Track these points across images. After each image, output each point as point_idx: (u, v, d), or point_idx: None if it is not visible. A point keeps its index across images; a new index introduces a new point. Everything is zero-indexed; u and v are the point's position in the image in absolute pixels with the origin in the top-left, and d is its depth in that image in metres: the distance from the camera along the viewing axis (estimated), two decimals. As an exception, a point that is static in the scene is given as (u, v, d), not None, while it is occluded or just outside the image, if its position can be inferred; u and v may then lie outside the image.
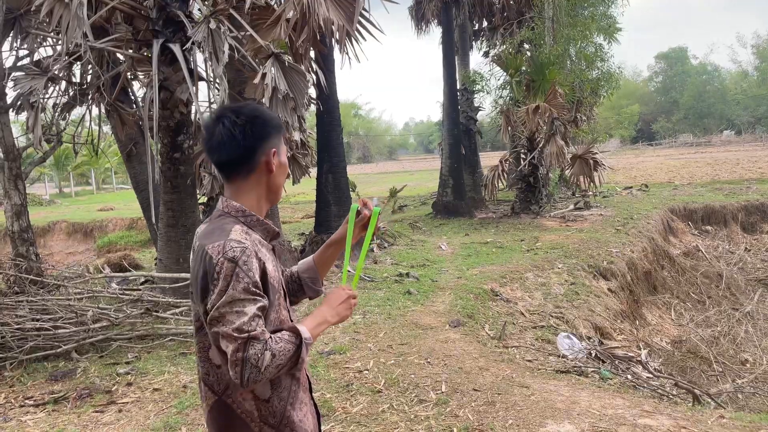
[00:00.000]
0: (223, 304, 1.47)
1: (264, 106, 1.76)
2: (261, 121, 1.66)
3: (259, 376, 1.46)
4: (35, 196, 30.08)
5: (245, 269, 1.49)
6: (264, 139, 1.66)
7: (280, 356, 1.49)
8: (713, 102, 58.60)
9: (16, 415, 4.36)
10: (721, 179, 21.03)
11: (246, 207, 1.66)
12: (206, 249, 1.53)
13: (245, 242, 1.54)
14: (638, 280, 9.92)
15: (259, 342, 1.47)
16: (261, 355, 1.46)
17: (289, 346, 1.53)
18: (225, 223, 1.61)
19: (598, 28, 16.57)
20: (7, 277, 7.09)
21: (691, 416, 3.96)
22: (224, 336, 1.47)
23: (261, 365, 1.45)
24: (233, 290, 1.47)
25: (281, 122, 1.74)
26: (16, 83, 7.01)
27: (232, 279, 1.48)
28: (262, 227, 1.69)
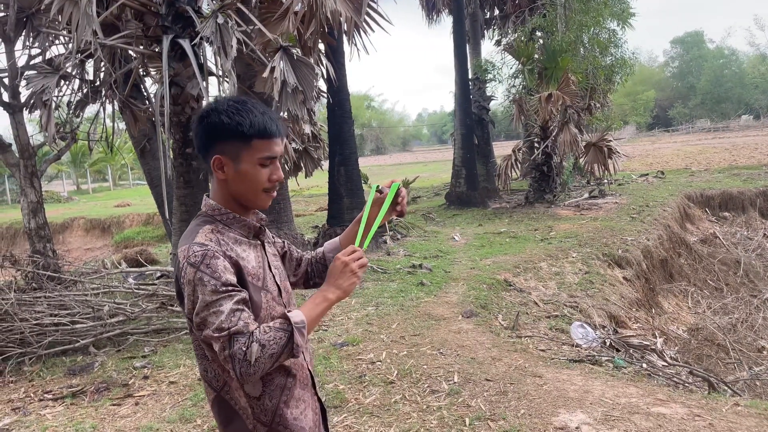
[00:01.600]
0: (200, 309, 1.46)
1: (254, 103, 1.59)
2: (209, 123, 1.59)
3: (252, 368, 1.43)
4: (53, 193, 30.48)
5: (208, 272, 1.47)
6: (211, 141, 1.60)
7: (270, 346, 1.46)
8: (731, 86, 57.65)
9: (36, 409, 4.44)
10: (739, 165, 20.74)
11: (222, 204, 1.64)
12: (178, 253, 1.54)
13: (208, 244, 1.51)
14: (654, 268, 9.83)
15: (242, 335, 1.44)
16: (247, 348, 1.43)
17: (280, 333, 1.48)
18: (198, 224, 1.61)
19: (612, 14, 16.33)
20: (25, 274, 7.20)
21: (705, 404, 3.94)
22: (208, 338, 1.47)
23: (250, 358, 1.43)
24: (202, 294, 1.46)
25: (248, 129, 1.56)
26: (28, 82, 7.08)
27: (197, 284, 1.47)
28: (240, 224, 1.65)
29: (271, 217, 8.59)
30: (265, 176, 1.62)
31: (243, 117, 1.57)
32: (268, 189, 1.64)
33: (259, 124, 1.57)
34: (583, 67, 15.04)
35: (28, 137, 8.02)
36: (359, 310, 6.48)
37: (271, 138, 1.59)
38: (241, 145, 1.57)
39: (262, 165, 1.60)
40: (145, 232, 18.34)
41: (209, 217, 1.63)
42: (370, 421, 3.88)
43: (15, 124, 7.92)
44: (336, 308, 6.61)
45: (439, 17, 21.54)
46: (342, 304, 6.77)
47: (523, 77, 14.95)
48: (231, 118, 1.56)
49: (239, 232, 1.64)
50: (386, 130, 73.79)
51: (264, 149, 1.59)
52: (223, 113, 1.57)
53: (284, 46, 6.29)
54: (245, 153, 1.58)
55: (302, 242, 9.05)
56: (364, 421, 3.88)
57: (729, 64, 59.87)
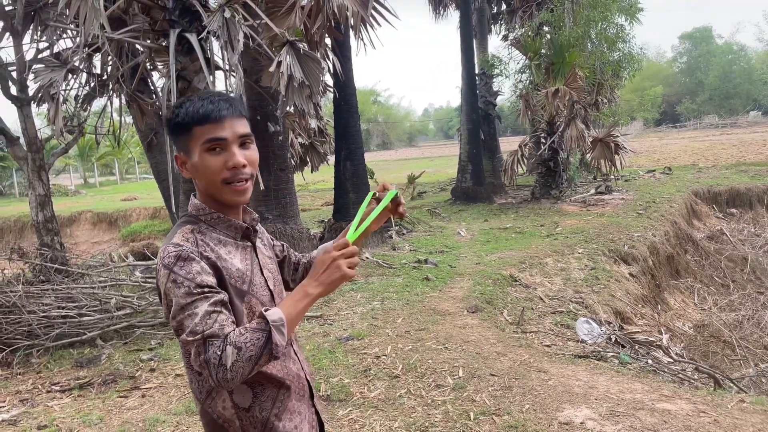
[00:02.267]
0: (175, 313, 1.39)
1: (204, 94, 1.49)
2: (165, 122, 1.56)
3: (229, 373, 1.33)
4: (61, 186, 30.62)
5: (182, 274, 1.39)
6: (173, 141, 1.57)
7: (248, 348, 1.35)
8: (739, 82, 57.21)
9: (43, 401, 4.48)
10: (746, 161, 20.61)
11: (205, 204, 1.55)
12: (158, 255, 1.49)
13: (183, 244, 1.44)
14: (660, 265, 9.80)
15: (217, 339, 1.35)
16: (222, 352, 1.34)
17: (257, 334, 1.37)
18: (179, 224, 1.54)
19: (619, 9, 16.21)
20: (33, 267, 7.25)
21: (710, 400, 3.93)
22: (184, 343, 1.39)
23: (226, 362, 1.33)
24: (176, 297, 1.38)
25: (183, 117, 1.49)
26: (36, 75, 7.11)
27: (172, 285, 1.39)
28: (225, 224, 1.56)
29: (277, 212, 8.61)
30: (218, 164, 1.48)
31: (181, 108, 1.50)
32: (228, 179, 1.50)
33: (194, 111, 1.47)
34: (591, 62, 14.96)
35: (36, 131, 8.06)
36: (364, 305, 6.49)
37: (214, 122, 1.47)
38: (187, 136, 1.49)
39: (209, 151, 1.48)
40: (151, 225, 18.38)
41: (193, 218, 1.55)
42: (375, 414, 3.90)
43: (23, 118, 7.96)
44: (341, 303, 6.63)
45: (446, 12, 21.48)
46: (348, 298, 6.79)
47: (530, 72, 14.89)
48: (172, 113, 1.52)
49: (224, 232, 1.56)
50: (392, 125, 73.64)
51: (206, 134, 1.47)
52: (170, 113, 1.53)
53: (291, 40, 6.29)
54: (191, 143, 1.49)
55: (308, 237, 9.07)
56: (369, 415, 3.90)
57: (737, 60, 59.40)
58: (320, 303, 6.68)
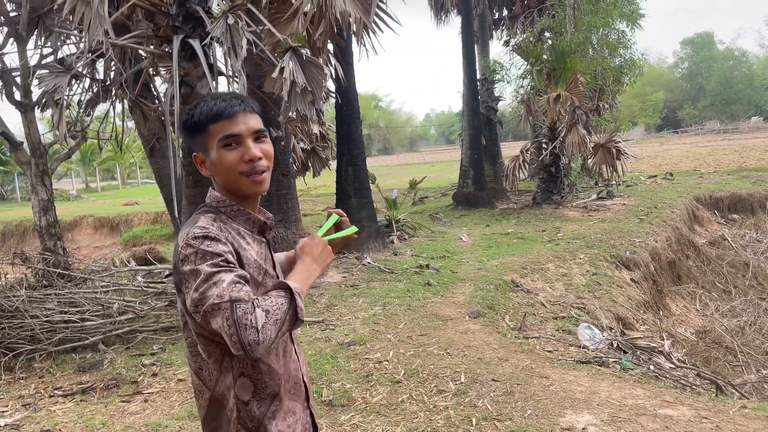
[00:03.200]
0: (199, 285, 1.41)
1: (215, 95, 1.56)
2: (181, 129, 1.65)
3: (260, 336, 1.35)
4: (62, 191, 30.67)
5: (210, 250, 1.44)
6: (188, 146, 1.65)
7: (274, 312, 1.39)
8: (741, 88, 57.29)
9: (46, 405, 4.49)
10: (748, 167, 20.61)
11: (225, 197, 1.62)
12: (177, 240, 1.51)
13: (209, 227, 1.49)
14: (662, 270, 9.79)
15: (245, 303, 1.38)
16: (252, 314, 1.36)
17: (281, 299, 1.42)
18: (200, 213, 1.59)
19: (621, 15, 16.27)
20: (36, 271, 7.26)
21: (712, 406, 3.93)
22: (209, 311, 1.39)
23: (257, 324, 1.35)
24: (203, 269, 1.41)
25: (197, 116, 1.58)
26: (40, 81, 7.14)
27: (197, 259, 1.43)
28: (244, 217, 1.63)
29: (279, 217, 8.62)
30: (236, 158, 1.56)
31: (195, 109, 1.59)
32: (246, 172, 1.57)
33: (208, 110, 1.56)
34: (592, 67, 15.01)
35: (39, 136, 8.09)
36: (366, 310, 6.50)
37: (227, 118, 1.55)
38: (203, 136, 1.57)
39: (226, 147, 1.55)
40: (153, 230, 18.40)
41: (213, 209, 1.60)
42: (377, 420, 3.91)
43: (27, 123, 7.99)
44: (343, 308, 6.64)
45: (447, 17, 21.54)
46: (349, 303, 6.79)
47: (532, 78, 14.93)
48: (187, 115, 1.60)
49: (243, 225, 1.62)
50: (394, 130, 73.74)
51: (220, 130, 1.55)
52: (185, 115, 1.61)
53: (294, 46, 6.32)
54: (209, 141, 1.57)
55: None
56: (371, 420, 3.90)
57: (739, 66, 59.47)
58: (322, 308, 6.69)
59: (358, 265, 8.73)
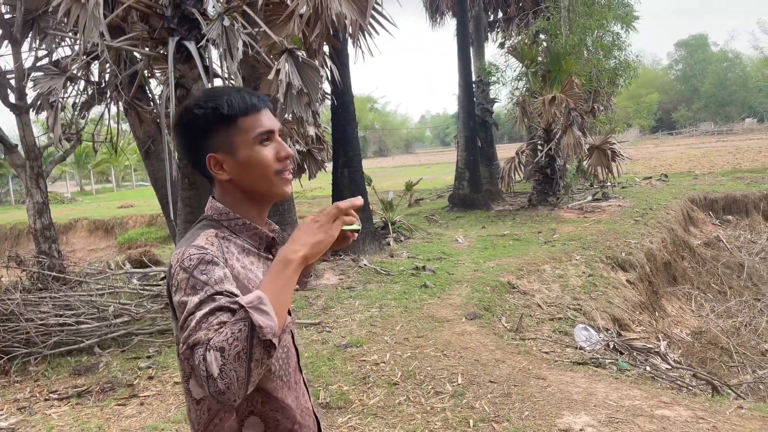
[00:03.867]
0: (182, 321, 1.21)
1: (223, 86, 1.39)
2: (185, 124, 1.39)
3: (221, 383, 1.10)
4: (57, 194, 30.53)
5: (203, 279, 1.23)
6: (195, 143, 1.40)
7: (231, 345, 1.12)
8: (735, 89, 57.56)
9: (41, 409, 4.46)
10: (742, 168, 20.70)
11: (231, 209, 1.41)
12: (172, 258, 1.32)
13: (208, 248, 1.29)
14: (657, 271, 9.82)
15: (200, 346, 1.14)
16: (205, 360, 1.12)
17: (237, 326, 1.14)
18: (199, 227, 1.40)
19: (615, 17, 16.34)
20: (31, 274, 7.23)
21: (709, 407, 3.94)
22: (183, 357, 1.21)
23: (212, 371, 1.11)
24: (189, 300, 1.22)
25: (227, 108, 1.36)
26: (35, 83, 7.12)
27: (187, 288, 1.23)
28: (250, 232, 1.42)
29: (275, 219, 8.61)
30: (272, 155, 1.39)
31: (217, 100, 1.37)
32: (281, 170, 1.40)
33: (237, 100, 1.37)
34: (587, 69, 15.05)
35: (34, 138, 8.07)
36: (363, 312, 6.49)
37: (258, 111, 1.39)
38: (229, 131, 1.36)
39: (261, 143, 1.38)
40: (148, 233, 18.36)
41: (214, 222, 1.40)
42: (374, 422, 3.90)
43: (21, 125, 7.96)
44: (340, 310, 6.63)
45: (442, 19, 21.57)
46: (346, 305, 6.78)
47: (527, 80, 14.96)
48: (205, 106, 1.36)
49: (248, 241, 1.42)
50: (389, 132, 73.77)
51: (255, 125, 1.38)
52: (194, 107, 1.38)
53: (289, 48, 6.31)
54: (237, 138, 1.36)
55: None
56: (368, 422, 3.90)
57: (733, 68, 59.77)
58: (318, 310, 6.67)
59: (355, 267, 8.72)
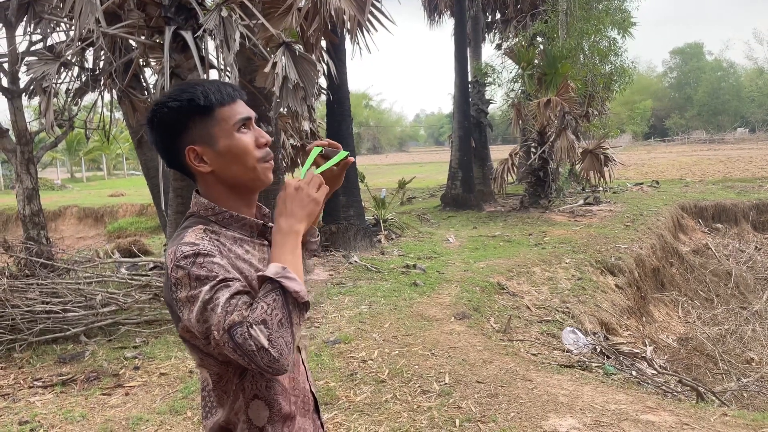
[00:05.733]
0: (198, 314, 1.24)
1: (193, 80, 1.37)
2: (160, 120, 1.38)
3: (274, 352, 1.19)
4: (47, 180, 30.29)
5: (203, 273, 1.25)
6: (172, 138, 1.39)
7: (272, 315, 1.20)
8: (728, 99, 57.97)
9: (25, 396, 4.43)
10: (733, 177, 20.84)
11: (216, 203, 1.41)
12: (165, 260, 1.33)
13: (199, 243, 1.30)
14: (646, 277, 9.87)
15: (240, 325, 1.20)
16: (249, 336, 1.18)
17: (270, 296, 1.22)
18: (187, 225, 1.40)
19: (613, 22, 16.41)
20: (18, 260, 7.17)
21: (694, 413, 3.97)
22: (216, 345, 1.24)
23: (262, 343, 1.18)
24: (197, 293, 1.24)
25: (203, 99, 1.35)
26: (29, 68, 7.06)
27: (191, 282, 1.25)
28: (239, 223, 1.43)
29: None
30: (251, 142, 1.39)
31: (192, 92, 1.36)
32: (262, 157, 1.41)
33: (212, 91, 1.36)
34: (583, 74, 15.10)
35: (26, 123, 7.99)
36: (352, 309, 6.48)
37: (234, 101, 1.39)
38: (207, 122, 1.36)
39: (239, 131, 1.38)
40: (138, 222, 18.26)
41: (201, 218, 1.41)
42: (360, 419, 3.90)
43: (13, 110, 7.89)
44: (329, 306, 6.62)
45: (440, 19, 21.59)
46: (335, 301, 6.77)
47: (523, 82, 14.99)
48: (179, 100, 1.36)
49: (239, 232, 1.43)
50: (383, 129, 73.72)
51: (233, 114, 1.38)
52: (168, 101, 1.37)
53: (287, 41, 6.29)
54: (215, 128, 1.36)
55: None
56: (355, 419, 3.89)
57: (727, 77, 60.18)
58: (307, 305, 6.65)
59: (345, 263, 8.71)
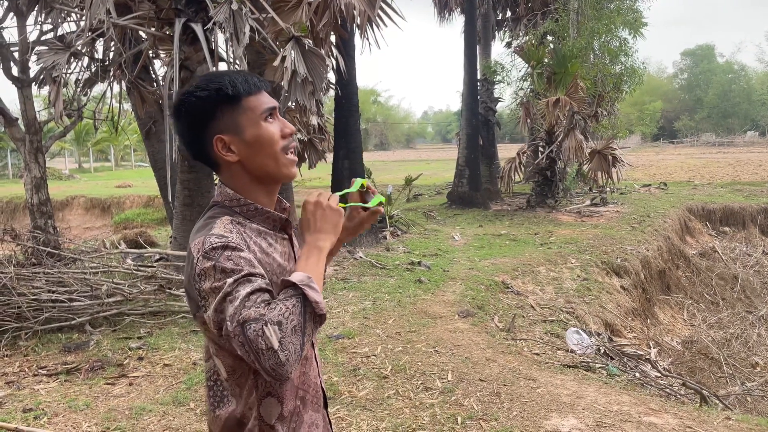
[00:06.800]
0: (217, 304, 1.25)
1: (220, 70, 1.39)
2: (188, 107, 1.39)
3: (281, 356, 1.18)
4: (55, 170, 30.43)
5: (229, 265, 1.26)
6: (199, 127, 1.40)
7: (288, 319, 1.21)
8: (738, 101, 57.60)
9: (29, 384, 4.45)
10: (741, 180, 20.73)
11: (241, 194, 1.42)
12: (190, 248, 1.34)
13: (228, 236, 1.31)
14: (652, 279, 9.84)
15: (255, 322, 1.20)
16: (263, 334, 1.18)
17: (291, 301, 1.23)
18: (213, 215, 1.40)
19: (624, 22, 16.30)
20: (25, 249, 7.20)
21: (697, 416, 3.95)
22: (228, 337, 1.24)
23: (272, 344, 1.18)
24: (222, 285, 1.25)
25: (232, 89, 1.37)
26: (39, 57, 7.08)
27: (216, 274, 1.26)
28: (263, 216, 1.44)
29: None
30: (277, 132, 1.41)
31: (218, 81, 1.38)
32: (286, 147, 1.43)
33: (239, 81, 1.38)
34: (593, 73, 15.03)
35: (35, 112, 8.02)
36: (356, 304, 6.49)
37: (259, 91, 1.41)
38: (235, 111, 1.38)
39: (266, 120, 1.40)
40: (145, 214, 18.32)
41: (226, 209, 1.42)
42: (362, 414, 3.90)
43: (23, 99, 7.92)
44: (333, 301, 6.63)
45: (450, 16, 21.50)
46: (340, 297, 6.78)
47: (532, 81, 14.94)
48: (207, 89, 1.37)
49: (263, 224, 1.44)
50: (391, 126, 73.59)
51: (260, 104, 1.40)
52: (196, 91, 1.38)
53: (296, 36, 6.28)
54: (243, 117, 1.38)
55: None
56: (357, 414, 3.90)
57: (737, 80, 59.77)
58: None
59: (350, 258, 8.72)
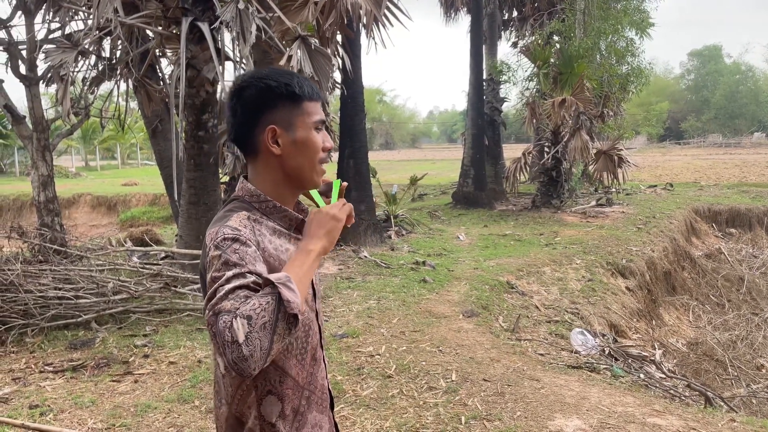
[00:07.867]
0: (212, 291, 1.25)
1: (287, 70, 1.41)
2: (253, 91, 1.41)
3: (245, 350, 1.15)
4: (62, 168, 30.59)
5: (235, 257, 1.27)
6: (257, 112, 1.41)
7: (259, 315, 1.17)
8: (745, 102, 57.33)
9: (35, 380, 4.48)
10: (748, 182, 20.63)
11: (262, 191, 1.44)
12: (205, 238, 1.36)
13: (241, 230, 1.32)
14: (657, 280, 9.81)
15: (228, 313, 1.18)
16: (231, 327, 1.16)
17: (265, 298, 1.19)
18: (231, 208, 1.42)
19: (631, 23, 16.25)
20: (32, 246, 7.24)
21: (701, 418, 3.94)
22: (207, 323, 1.23)
23: (238, 337, 1.14)
24: (219, 275, 1.25)
25: (299, 89, 1.41)
26: (47, 56, 7.11)
27: (219, 264, 1.27)
28: (281, 214, 1.46)
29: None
30: (320, 143, 1.44)
31: (288, 77, 1.41)
32: (323, 160, 1.47)
33: (305, 84, 1.42)
34: (599, 74, 14.99)
35: (42, 110, 8.07)
36: (361, 303, 6.50)
37: (318, 100, 1.45)
38: (293, 110, 1.41)
39: (316, 129, 1.44)
40: (150, 212, 18.40)
41: (246, 204, 1.43)
42: (366, 413, 3.91)
43: (30, 97, 7.96)
44: (338, 300, 6.64)
45: (457, 15, 21.46)
46: (344, 296, 6.79)
47: (538, 81, 14.90)
48: (278, 81, 1.40)
49: (279, 223, 1.46)
50: (396, 125, 73.63)
51: (316, 111, 1.44)
52: (266, 79, 1.41)
53: (303, 35, 6.30)
54: (298, 118, 1.41)
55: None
56: (361, 413, 3.91)
57: (745, 81, 59.47)
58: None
59: (355, 258, 8.73)
